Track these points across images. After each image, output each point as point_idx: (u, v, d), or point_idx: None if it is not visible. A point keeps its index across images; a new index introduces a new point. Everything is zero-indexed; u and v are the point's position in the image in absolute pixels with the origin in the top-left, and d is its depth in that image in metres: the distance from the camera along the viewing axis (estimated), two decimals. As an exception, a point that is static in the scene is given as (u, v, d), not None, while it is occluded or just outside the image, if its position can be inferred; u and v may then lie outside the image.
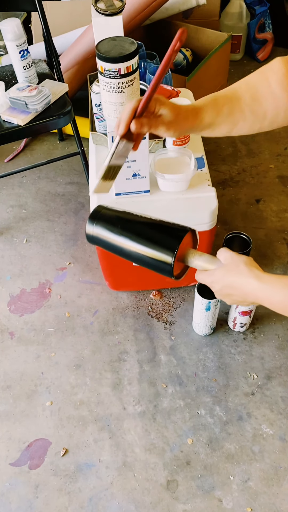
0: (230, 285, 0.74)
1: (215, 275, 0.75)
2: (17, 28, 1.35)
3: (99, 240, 0.84)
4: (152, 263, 0.77)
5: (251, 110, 0.78)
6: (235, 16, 2.32)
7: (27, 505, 1.09)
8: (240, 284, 0.72)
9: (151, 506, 1.08)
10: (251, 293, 0.72)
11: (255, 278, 0.71)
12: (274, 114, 0.79)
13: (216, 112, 0.77)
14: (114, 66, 0.95)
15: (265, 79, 0.78)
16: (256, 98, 0.78)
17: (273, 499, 1.08)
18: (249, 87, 0.79)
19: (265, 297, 0.71)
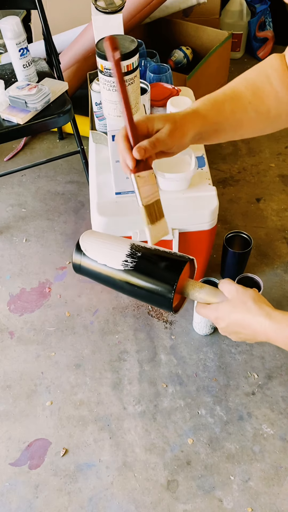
0: (237, 323, 0.68)
1: (220, 311, 0.69)
2: (17, 27, 1.35)
3: (88, 271, 0.75)
4: (148, 297, 0.70)
5: (254, 108, 0.74)
6: (236, 14, 2.31)
7: (27, 505, 1.08)
8: (249, 323, 0.66)
9: (152, 506, 1.07)
10: (261, 333, 0.66)
11: (266, 317, 0.65)
12: (276, 113, 0.75)
13: (216, 109, 0.71)
14: (114, 65, 0.94)
15: (266, 76, 0.75)
16: (258, 95, 0.74)
17: (273, 499, 1.07)
18: (249, 84, 0.74)
19: (278, 337, 0.65)
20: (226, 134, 0.75)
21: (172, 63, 1.98)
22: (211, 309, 0.71)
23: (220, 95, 0.73)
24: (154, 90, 1.27)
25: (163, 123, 0.66)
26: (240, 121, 0.74)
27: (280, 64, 0.75)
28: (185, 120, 0.68)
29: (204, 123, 0.70)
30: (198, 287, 0.72)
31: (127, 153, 0.64)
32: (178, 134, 0.67)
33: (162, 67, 1.37)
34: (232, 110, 0.72)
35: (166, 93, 1.26)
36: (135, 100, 1.02)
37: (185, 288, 0.73)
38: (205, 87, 1.88)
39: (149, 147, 0.64)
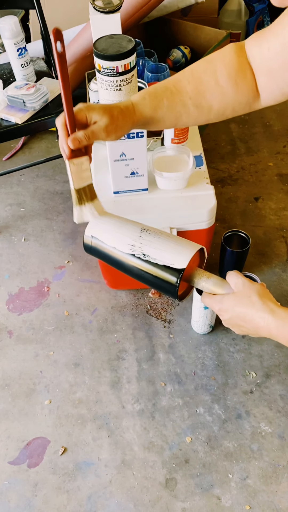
0: (241, 317, 0.68)
1: (224, 303, 0.70)
2: (15, 26, 1.35)
3: (98, 252, 0.78)
4: (154, 282, 0.71)
5: (194, 103, 0.73)
6: (234, 14, 2.31)
7: (25, 504, 1.09)
8: (252, 318, 0.67)
9: (150, 504, 1.08)
10: (264, 328, 0.67)
11: (270, 313, 0.65)
12: (221, 108, 0.74)
13: (154, 105, 0.72)
14: (112, 64, 0.94)
15: (213, 71, 0.72)
16: (200, 91, 0.72)
17: (271, 497, 1.08)
18: (194, 78, 0.73)
19: (280, 334, 0.65)
20: (164, 125, 0.76)
21: (170, 63, 1.98)
22: (216, 300, 0.71)
23: (161, 88, 0.74)
24: (152, 90, 1.27)
25: (101, 115, 0.68)
26: (179, 115, 0.74)
27: (232, 58, 0.72)
28: (123, 115, 0.70)
29: (141, 117, 0.72)
30: (205, 277, 0.73)
31: (64, 141, 0.68)
32: (113, 129, 0.69)
33: (160, 66, 1.37)
34: (170, 105, 0.73)
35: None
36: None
37: (193, 277, 0.73)
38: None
39: (84, 138, 0.68)
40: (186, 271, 0.70)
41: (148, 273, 0.71)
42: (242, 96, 0.74)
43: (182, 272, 0.68)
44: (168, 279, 0.70)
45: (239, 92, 0.73)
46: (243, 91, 0.73)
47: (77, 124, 0.68)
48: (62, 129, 0.68)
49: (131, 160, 1.12)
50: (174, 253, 0.70)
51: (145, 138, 1.08)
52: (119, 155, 1.11)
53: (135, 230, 0.75)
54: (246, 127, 2.03)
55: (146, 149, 1.12)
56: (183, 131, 1.21)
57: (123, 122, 0.70)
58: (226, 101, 0.74)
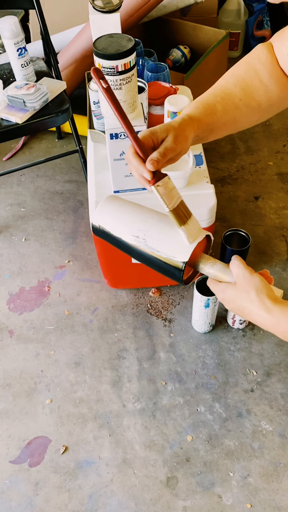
0: (240, 310, 0.72)
1: (226, 294, 0.73)
2: (15, 26, 1.35)
3: (105, 233, 0.78)
4: (159, 265, 0.73)
5: (245, 104, 0.76)
6: (233, 13, 2.32)
7: (27, 503, 1.09)
8: (250, 313, 0.70)
9: (151, 503, 1.08)
10: (262, 324, 0.70)
11: (266, 311, 0.68)
12: (268, 104, 0.77)
13: (209, 112, 0.74)
14: (112, 63, 0.95)
15: (254, 72, 0.76)
16: (248, 92, 0.76)
17: (272, 495, 1.08)
18: (238, 82, 0.76)
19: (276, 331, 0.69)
20: (221, 131, 0.77)
21: (170, 62, 1.99)
22: (218, 290, 0.74)
23: (210, 96, 0.76)
24: (152, 89, 1.27)
25: (166, 132, 0.69)
26: (233, 118, 0.76)
27: (267, 56, 0.75)
28: (184, 126, 0.71)
29: (200, 125, 0.73)
30: (210, 263, 0.74)
31: (142, 167, 0.67)
32: (182, 139, 0.70)
33: (160, 66, 1.37)
34: (224, 109, 0.75)
35: (164, 91, 1.26)
36: (132, 99, 1.03)
37: (198, 262, 0.75)
38: (203, 86, 1.88)
39: (160, 157, 0.67)
40: (191, 257, 0.72)
41: (153, 261, 0.73)
42: (285, 92, 0.77)
43: (185, 263, 0.70)
44: (171, 270, 0.72)
45: (281, 88, 0.77)
46: (285, 87, 0.77)
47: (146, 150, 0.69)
48: (135, 159, 0.68)
49: (131, 159, 1.12)
50: (177, 244, 0.71)
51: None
52: (119, 154, 1.11)
53: (140, 219, 0.76)
54: (246, 127, 2.03)
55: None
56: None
57: (187, 131, 0.71)
58: (272, 98, 0.77)
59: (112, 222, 0.77)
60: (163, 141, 0.69)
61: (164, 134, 0.69)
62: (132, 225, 0.75)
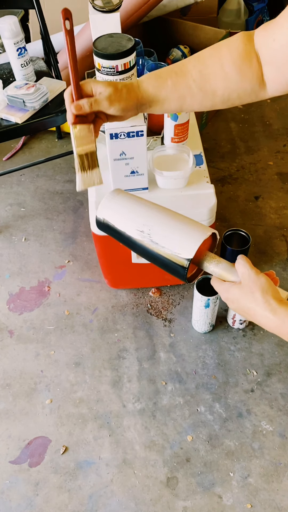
0: (244, 310, 0.71)
1: (230, 293, 0.72)
2: (14, 26, 1.35)
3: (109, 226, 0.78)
4: (163, 262, 0.73)
5: (198, 86, 0.75)
6: (233, 13, 2.31)
7: (27, 503, 1.09)
8: (254, 314, 0.69)
9: (151, 503, 1.08)
10: (266, 325, 0.70)
11: (271, 312, 0.67)
12: (225, 93, 0.76)
13: (158, 84, 0.75)
14: (112, 63, 0.94)
15: (218, 57, 0.75)
16: (204, 74, 0.75)
17: (273, 495, 1.08)
18: (199, 62, 0.76)
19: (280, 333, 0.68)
20: (169, 106, 0.78)
21: (170, 62, 1.98)
22: (223, 289, 0.73)
23: (166, 70, 0.78)
24: (152, 89, 1.27)
25: (106, 87, 0.73)
26: (183, 96, 0.76)
27: (240, 45, 0.74)
28: (126, 88, 0.74)
29: (145, 94, 0.76)
30: (215, 262, 0.73)
31: (69, 108, 0.73)
32: (117, 99, 0.73)
33: (160, 65, 1.37)
34: (174, 85, 0.76)
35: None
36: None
37: (203, 260, 0.74)
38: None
39: (86, 105, 0.72)
40: (196, 255, 0.71)
41: (158, 257, 0.73)
42: (247, 83, 0.75)
43: (190, 261, 0.70)
44: (175, 267, 0.71)
45: (243, 78, 0.75)
46: (248, 78, 0.75)
47: (83, 95, 0.73)
48: (68, 98, 0.73)
49: (131, 159, 1.12)
50: (183, 241, 0.71)
51: (145, 137, 1.08)
52: (119, 154, 1.11)
53: (145, 214, 0.76)
54: (246, 126, 2.03)
55: (146, 148, 1.12)
56: (183, 130, 1.21)
57: (127, 95, 0.74)
58: (231, 87, 0.75)
59: (116, 216, 0.77)
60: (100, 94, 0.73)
61: (103, 87, 0.73)
62: (137, 219, 0.75)
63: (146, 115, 1.22)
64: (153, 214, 0.75)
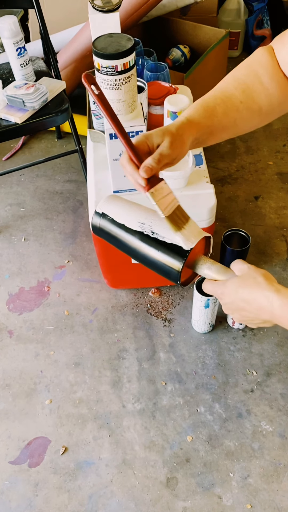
0: (243, 298, 0.68)
1: (227, 286, 0.70)
2: (14, 26, 1.35)
3: (105, 232, 0.78)
4: (158, 266, 0.72)
5: (245, 107, 0.75)
6: (233, 13, 2.31)
7: (26, 503, 1.09)
8: (255, 298, 0.66)
9: (151, 504, 1.08)
10: (266, 309, 0.66)
11: (275, 292, 0.65)
12: (269, 108, 0.76)
13: (209, 114, 0.72)
14: (111, 63, 0.94)
15: (255, 75, 0.75)
16: (249, 94, 0.74)
17: (272, 495, 1.08)
18: (239, 84, 0.75)
19: (284, 314, 0.64)
20: (221, 135, 0.76)
21: (169, 62, 1.98)
22: (218, 284, 0.72)
23: (210, 98, 0.75)
24: (152, 89, 1.27)
25: (161, 137, 0.67)
26: (234, 121, 0.75)
27: (268, 59, 0.75)
28: (182, 130, 0.69)
29: (199, 128, 0.71)
30: (209, 263, 0.73)
31: (137, 174, 0.66)
32: (178, 144, 0.68)
33: (160, 65, 1.37)
34: (224, 112, 0.73)
35: (164, 91, 1.26)
36: (132, 98, 1.02)
37: (196, 263, 0.74)
38: (203, 86, 1.88)
39: (154, 164, 0.65)
40: (190, 257, 0.71)
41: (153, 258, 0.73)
42: (285, 95, 0.76)
43: (188, 252, 0.69)
44: (173, 260, 0.71)
45: (281, 91, 0.76)
46: (285, 90, 0.76)
47: (141, 155, 0.67)
48: (129, 165, 0.66)
49: (130, 159, 1.12)
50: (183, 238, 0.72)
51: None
52: (118, 154, 1.10)
53: (147, 211, 0.76)
54: (245, 126, 2.03)
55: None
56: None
57: (184, 136, 0.69)
58: (273, 101, 0.76)
59: (117, 210, 0.77)
60: (158, 146, 0.67)
61: (159, 138, 0.67)
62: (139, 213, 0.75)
63: (145, 115, 1.22)
64: (152, 213, 0.75)
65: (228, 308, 0.73)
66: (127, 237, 0.75)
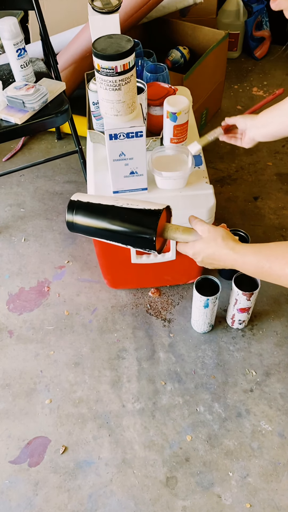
0: (210, 256, 0.86)
1: (196, 248, 0.87)
2: (14, 27, 1.35)
3: (81, 227, 0.90)
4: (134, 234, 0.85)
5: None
6: (233, 14, 2.32)
7: (26, 503, 1.09)
8: (219, 255, 0.85)
9: (151, 503, 1.08)
10: (229, 262, 0.85)
11: (231, 250, 0.84)
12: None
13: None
14: (111, 64, 0.95)
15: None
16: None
17: (272, 495, 1.08)
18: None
19: (240, 265, 0.84)
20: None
21: (169, 63, 1.99)
22: (189, 247, 0.89)
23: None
24: (151, 90, 1.27)
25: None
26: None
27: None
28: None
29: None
30: (174, 228, 0.89)
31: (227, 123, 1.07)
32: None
33: (159, 66, 1.38)
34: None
35: (163, 92, 1.27)
36: (131, 99, 1.03)
37: (164, 230, 0.89)
38: (202, 87, 1.89)
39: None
40: (159, 227, 0.85)
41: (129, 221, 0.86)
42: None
43: (161, 213, 0.84)
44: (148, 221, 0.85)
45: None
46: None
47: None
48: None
49: (130, 159, 1.13)
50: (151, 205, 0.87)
51: (144, 137, 1.09)
52: (118, 155, 1.11)
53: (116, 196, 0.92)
54: (245, 127, 2.04)
55: (145, 148, 1.12)
56: (182, 131, 1.21)
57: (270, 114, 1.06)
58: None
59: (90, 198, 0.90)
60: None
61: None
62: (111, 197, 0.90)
63: (144, 115, 1.22)
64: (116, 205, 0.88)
65: (200, 263, 0.90)
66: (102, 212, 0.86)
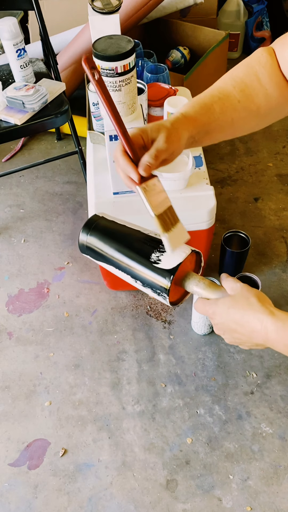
0: (235, 320, 0.64)
1: (219, 306, 0.66)
2: (14, 27, 1.35)
3: (92, 252, 0.76)
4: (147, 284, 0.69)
5: (243, 106, 0.73)
6: (233, 14, 2.32)
7: (26, 506, 1.08)
8: (248, 320, 0.63)
9: (151, 506, 1.07)
10: (260, 333, 0.62)
11: (269, 315, 0.61)
12: (266, 109, 0.74)
13: (205, 111, 0.70)
14: (111, 65, 0.94)
15: (254, 74, 0.73)
16: (247, 93, 0.72)
17: (272, 498, 1.07)
18: (237, 83, 0.73)
19: (279, 337, 0.61)
20: (218, 134, 0.73)
21: (169, 63, 1.98)
22: (210, 303, 0.68)
23: (207, 96, 0.72)
24: (151, 90, 1.27)
25: (157, 132, 0.64)
26: (231, 120, 0.73)
27: (268, 59, 0.73)
28: (177, 125, 0.66)
29: (196, 125, 0.69)
30: (197, 280, 0.69)
31: (130, 167, 0.63)
32: (174, 139, 0.65)
33: (159, 67, 1.37)
34: (221, 110, 0.71)
35: (163, 93, 1.26)
36: (132, 100, 1.02)
37: (184, 280, 0.70)
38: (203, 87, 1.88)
39: (152, 160, 0.63)
40: (179, 274, 0.68)
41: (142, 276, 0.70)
42: (284, 97, 0.75)
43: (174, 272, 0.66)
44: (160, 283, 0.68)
45: (280, 92, 0.74)
46: (284, 92, 0.74)
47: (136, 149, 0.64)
48: (123, 157, 0.63)
49: (130, 160, 1.12)
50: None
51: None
52: (118, 156, 1.10)
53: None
54: (245, 128, 2.03)
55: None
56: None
57: (180, 130, 0.66)
58: (271, 102, 0.74)
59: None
60: (154, 141, 0.64)
61: (155, 133, 0.64)
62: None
63: (145, 116, 1.22)
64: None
65: (219, 329, 0.69)
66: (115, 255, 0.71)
